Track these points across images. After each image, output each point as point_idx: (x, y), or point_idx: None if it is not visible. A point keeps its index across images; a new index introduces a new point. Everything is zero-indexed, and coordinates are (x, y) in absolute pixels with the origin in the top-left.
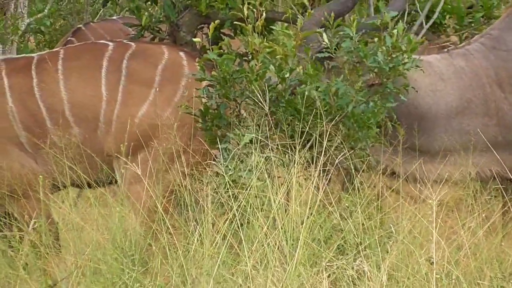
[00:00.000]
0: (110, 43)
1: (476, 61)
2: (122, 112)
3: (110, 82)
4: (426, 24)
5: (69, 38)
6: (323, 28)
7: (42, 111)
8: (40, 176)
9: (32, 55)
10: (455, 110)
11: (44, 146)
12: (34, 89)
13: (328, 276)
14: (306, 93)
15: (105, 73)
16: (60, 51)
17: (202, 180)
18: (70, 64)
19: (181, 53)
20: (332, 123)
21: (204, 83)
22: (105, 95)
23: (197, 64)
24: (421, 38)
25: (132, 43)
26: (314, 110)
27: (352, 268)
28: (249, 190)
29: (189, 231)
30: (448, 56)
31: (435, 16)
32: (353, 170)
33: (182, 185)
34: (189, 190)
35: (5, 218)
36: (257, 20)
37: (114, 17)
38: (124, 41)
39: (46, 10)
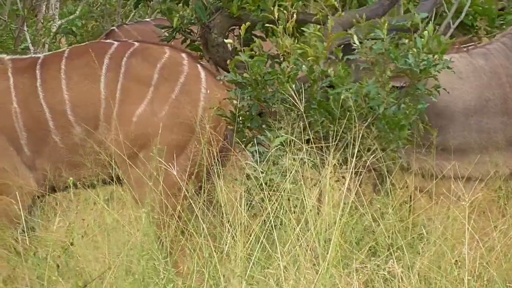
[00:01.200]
0: (115, 43)
1: (496, 61)
2: (120, 111)
3: (109, 80)
4: (453, 24)
5: (101, 40)
6: (354, 30)
7: (45, 111)
8: (71, 178)
9: (39, 55)
10: (473, 109)
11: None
12: (38, 89)
13: (360, 278)
14: (342, 96)
15: (105, 71)
16: (65, 51)
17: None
18: (73, 63)
19: (183, 54)
20: (364, 125)
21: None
22: (104, 93)
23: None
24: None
25: (136, 43)
26: (346, 111)
27: (384, 269)
28: (282, 192)
29: (222, 232)
30: (467, 55)
31: (462, 16)
32: (385, 172)
33: (217, 186)
34: (223, 191)
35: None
36: (288, 22)
37: (147, 19)
38: (130, 41)
39: (77, 12)
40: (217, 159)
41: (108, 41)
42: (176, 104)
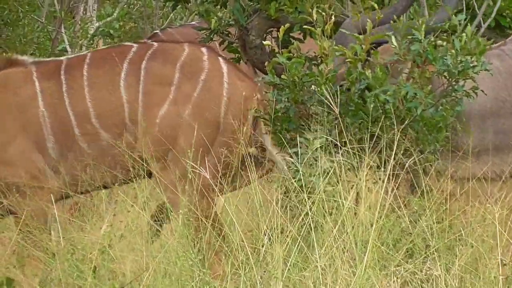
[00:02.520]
0: (134, 45)
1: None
2: (145, 113)
3: (130, 84)
4: (484, 24)
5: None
6: (392, 32)
7: (71, 118)
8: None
9: (61, 58)
10: (489, 110)
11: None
12: (64, 95)
13: (397, 280)
14: (383, 96)
15: (124, 76)
16: (87, 56)
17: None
18: (94, 70)
19: (203, 49)
20: (401, 127)
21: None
22: (126, 98)
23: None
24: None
25: (155, 44)
26: (383, 113)
27: (421, 271)
28: (319, 194)
29: (259, 234)
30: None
31: (492, 16)
32: (422, 174)
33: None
34: (259, 194)
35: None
36: (326, 24)
37: (192, 22)
38: (149, 42)
39: (115, 14)
40: (248, 156)
41: (128, 43)
42: (199, 102)
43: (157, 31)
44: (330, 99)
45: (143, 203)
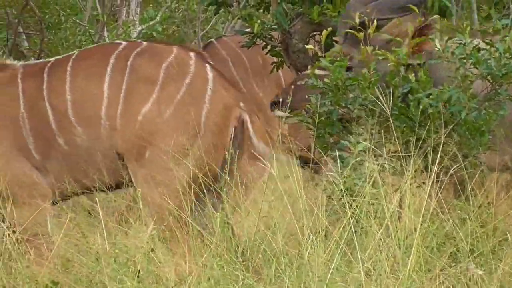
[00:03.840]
0: (123, 43)
1: None
2: (126, 109)
3: (114, 80)
4: None
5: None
6: (434, 35)
7: (49, 113)
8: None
9: (51, 59)
10: None
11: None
12: (44, 91)
13: (441, 284)
14: (426, 100)
15: (110, 71)
16: (75, 53)
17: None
18: (79, 65)
19: (191, 53)
20: (445, 131)
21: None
22: (107, 93)
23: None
24: None
25: (144, 43)
26: (427, 117)
27: (465, 275)
28: (363, 197)
29: (303, 238)
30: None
31: None
32: (466, 178)
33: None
34: (303, 197)
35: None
36: (368, 28)
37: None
38: (138, 41)
39: (158, 17)
40: (228, 162)
41: (117, 41)
42: (181, 104)
43: (212, 39)
44: (374, 103)
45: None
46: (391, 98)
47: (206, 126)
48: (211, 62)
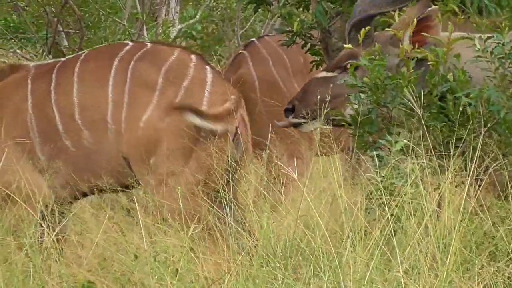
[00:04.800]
0: (130, 44)
1: None
2: (129, 115)
3: (117, 83)
4: None
5: (240, 51)
6: (476, 35)
7: (56, 115)
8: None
9: (61, 58)
10: None
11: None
12: (51, 92)
13: (480, 282)
14: (465, 99)
15: (113, 74)
16: (83, 53)
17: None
18: (86, 66)
19: (192, 56)
20: (484, 130)
21: None
22: (111, 96)
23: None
24: None
25: (149, 44)
26: (466, 116)
27: (503, 274)
28: (402, 197)
29: (342, 237)
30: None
31: None
32: (506, 177)
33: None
34: (342, 196)
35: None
36: (408, 27)
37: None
38: (145, 41)
39: (197, 16)
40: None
41: (124, 42)
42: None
43: (254, 39)
44: (413, 102)
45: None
46: (429, 97)
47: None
48: (211, 65)
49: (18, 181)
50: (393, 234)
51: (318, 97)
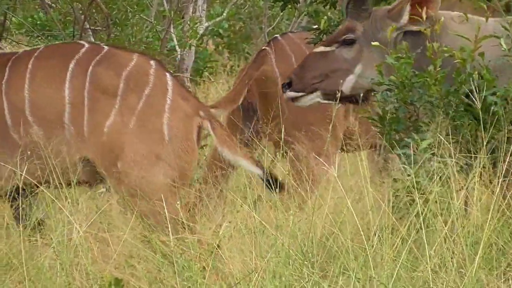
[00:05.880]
0: (86, 45)
1: None
2: (91, 119)
3: (74, 86)
4: None
5: (264, 48)
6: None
7: (5, 108)
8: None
9: (18, 51)
10: None
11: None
12: (2, 86)
13: (508, 281)
14: (491, 98)
15: (69, 76)
16: (38, 49)
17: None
18: (40, 63)
19: (151, 62)
20: (511, 128)
21: None
22: (68, 98)
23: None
24: None
25: (106, 47)
26: (493, 114)
27: None
28: (429, 195)
29: (370, 234)
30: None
31: None
32: None
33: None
34: (369, 193)
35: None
36: (435, 24)
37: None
38: (102, 44)
39: (224, 14)
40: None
41: (79, 42)
42: (142, 115)
43: (277, 35)
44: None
45: (253, 203)
46: (456, 95)
47: (170, 133)
48: (170, 71)
49: None
50: (422, 232)
51: (315, 71)
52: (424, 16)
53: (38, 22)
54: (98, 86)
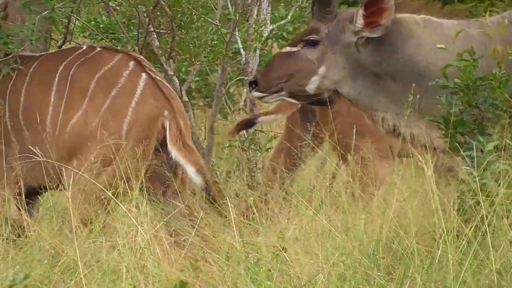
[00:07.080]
0: (83, 48)
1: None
2: (62, 118)
3: (59, 89)
4: None
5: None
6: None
7: (6, 112)
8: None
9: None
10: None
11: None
12: (7, 89)
13: None
14: None
15: (58, 79)
16: (43, 55)
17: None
18: (38, 68)
19: (131, 63)
20: None
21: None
22: (53, 101)
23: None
24: None
25: (98, 48)
26: None
27: None
28: (496, 197)
29: (435, 237)
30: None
31: None
32: None
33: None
34: (435, 195)
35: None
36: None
37: None
38: (96, 46)
39: (289, 17)
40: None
41: (77, 47)
42: (106, 116)
43: None
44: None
45: (318, 206)
46: None
47: (128, 137)
48: (151, 71)
49: None
50: (488, 234)
51: (281, 71)
52: (383, 22)
53: (101, 26)
54: (75, 87)
